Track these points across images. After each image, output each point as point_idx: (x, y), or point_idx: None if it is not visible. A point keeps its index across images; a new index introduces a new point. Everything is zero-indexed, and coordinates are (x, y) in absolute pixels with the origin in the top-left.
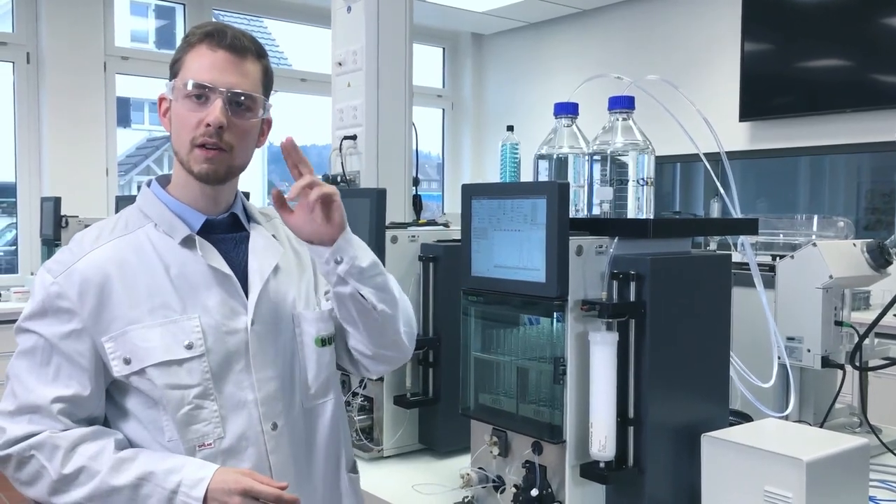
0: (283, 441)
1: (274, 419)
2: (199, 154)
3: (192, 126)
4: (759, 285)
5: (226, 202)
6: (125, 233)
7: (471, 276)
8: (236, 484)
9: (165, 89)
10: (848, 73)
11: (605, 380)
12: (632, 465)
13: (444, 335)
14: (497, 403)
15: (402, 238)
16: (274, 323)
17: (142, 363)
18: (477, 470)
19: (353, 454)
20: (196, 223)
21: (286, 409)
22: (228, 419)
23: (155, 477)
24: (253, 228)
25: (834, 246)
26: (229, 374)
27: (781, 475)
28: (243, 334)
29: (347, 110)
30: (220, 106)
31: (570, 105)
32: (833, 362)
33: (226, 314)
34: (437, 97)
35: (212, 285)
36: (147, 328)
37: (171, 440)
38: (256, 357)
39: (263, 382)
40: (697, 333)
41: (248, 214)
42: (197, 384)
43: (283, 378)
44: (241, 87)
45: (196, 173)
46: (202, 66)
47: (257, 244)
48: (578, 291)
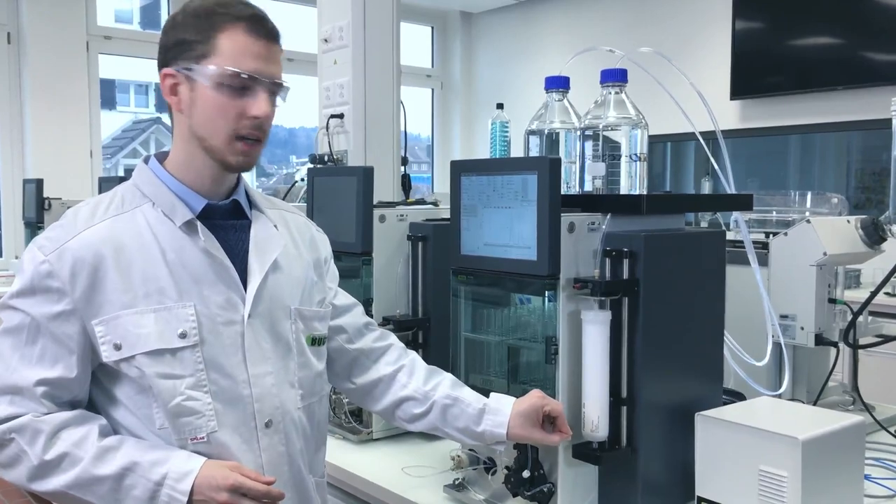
0: (275, 439)
1: (268, 416)
2: (241, 146)
3: (232, 116)
4: (754, 262)
5: (228, 187)
6: (121, 211)
7: (460, 254)
8: (224, 480)
9: (184, 69)
10: (838, 50)
11: (597, 359)
12: (625, 445)
13: (433, 316)
14: (488, 384)
15: (390, 217)
16: (271, 318)
17: (133, 350)
18: (467, 452)
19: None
20: (197, 207)
21: (280, 407)
22: (222, 413)
23: (139, 468)
24: (255, 217)
25: (828, 222)
26: (224, 366)
27: (776, 454)
28: (239, 327)
29: (334, 88)
30: (266, 98)
31: (562, 79)
32: (827, 340)
33: (222, 305)
34: (426, 77)
35: (209, 274)
36: (140, 314)
37: (163, 428)
38: (252, 351)
39: (259, 378)
40: (691, 311)
41: (250, 201)
42: (189, 375)
43: (279, 374)
44: (279, 76)
45: (233, 164)
46: (247, 55)
47: (259, 234)
48: (570, 269)
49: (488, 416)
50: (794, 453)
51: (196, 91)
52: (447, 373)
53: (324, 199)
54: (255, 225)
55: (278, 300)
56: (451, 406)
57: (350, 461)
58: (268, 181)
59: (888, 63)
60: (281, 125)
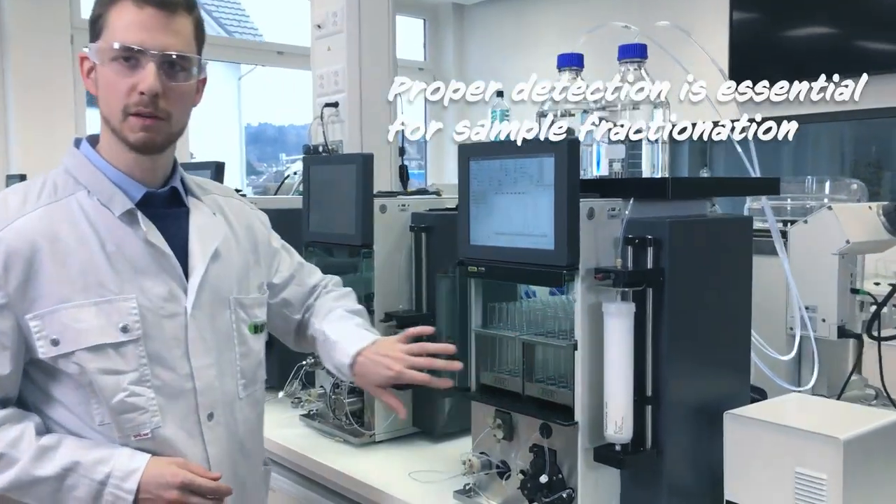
0: (219, 431)
1: (211, 409)
2: (135, 122)
3: (122, 93)
4: (781, 250)
5: (164, 173)
6: (54, 199)
7: (469, 244)
8: (173, 477)
9: (88, 49)
10: (836, 39)
11: (621, 355)
12: (650, 447)
13: (438, 311)
14: (500, 383)
15: (391, 207)
16: (213, 308)
17: (72, 345)
18: (479, 455)
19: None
20: (136, 195)
21: (222, 399)
22: (166, 408)
23: (81, 467)
24: (193, 204)
25: (849, 209)
26: (167, 360)
27: (815, 455)
28: (182, 319)
29: (328, 76)
30: (153, 71)
31: (575, 56)
32: (849, 332)
33: (164, 297)
34: (418, 70)
35: (150, 265)
36: (79, 308)
37: (103, 424)
38: (195, 343)
39: (202, 370)
40: (718, 302)
41: (186, 188)
42: (132, 370)
43: (220, 366)
44: (174, 47)
45: (132, 143)
46: (129, 26)
47: (199, 222)
48: (590, 259)
49: (337, 354)
50: (834, 454)
51: (98, 70)
52: (348, 307)
53: (321, 189)
54: (193, 213)
55: (219, 291)
56: (323, 342)
57: (352, 466)
58: (258, 179)
59: (884, 52)
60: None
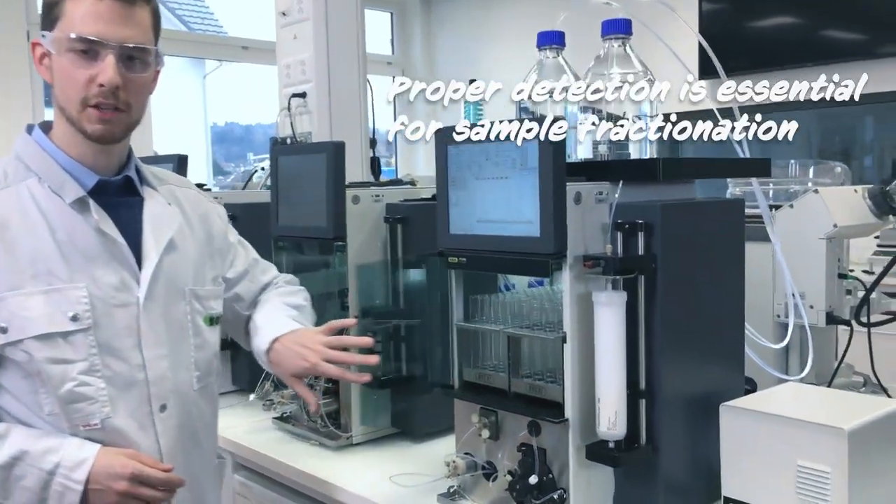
0: (172, 423)
1: (163, 400)
2: (94, 114)
3: (81, 84)
4: (773, 234)
5: (118, 161)
6: (4, 186)
7: (449, 234)
8: (123, 468)
9: (43, 37)
10: (805, 29)
11: (612, 346)
12: (644, 444)
13: (416, 305)
14: (485, 379)
15: (364, 198)
16: (167, 298)
17: (20, 333)
18: (464, 456)
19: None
20: (88, 183)
21: (176, 390)
22: (116, 398)
23: (29, 457)
24: (147, 193)
25: (836, 192)
26: (118, 350)
27: (818, 447)
28: (134, 309)
29: (294, 65)
30: (112, 64)
31: (556, 34)
32: (838, 318)
33: (116, 286)
34: (386, 65)
35: (102, 254)
36: (28, 295)
37: (52, 414)
38: (147, 334)
39: (154, 361)
40: (712, 290)
41: (141, 177)
42: (82, 359)
43: (173, 357)
44: (134, 39)
45: (89, 133)
46: (87, 17)
47: (153, 211)
48: (578, 246)
49: (257, 339)
50: (838, 445)
51: (53, 59)
52: (288, 300)
53: (290, 181)
54: (148, 202)
55: (173, 281)
56: (251, 329)
57: (328, 470)
58: (225, 179)
59: (852, 41)
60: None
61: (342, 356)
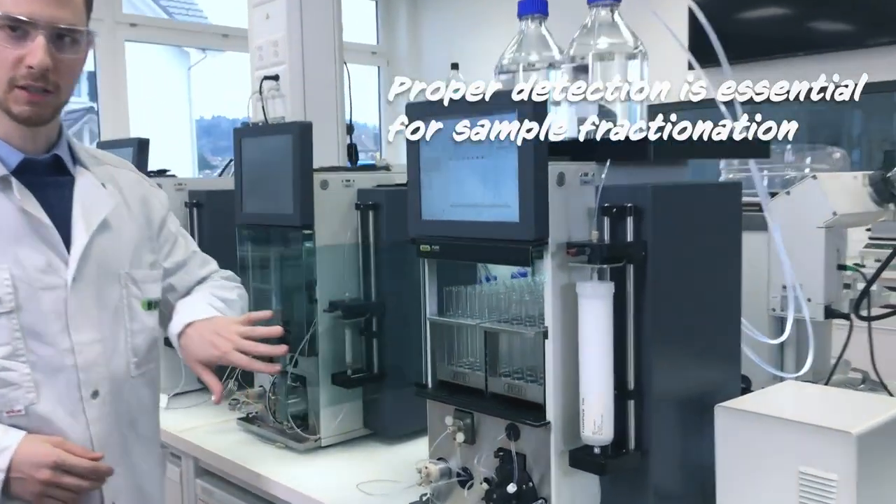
0: (105, 410)
1: (95, 386)
2: (21, 95)
3: (9, 63)
4: (771, 221)
5: (47, 140)
6: None
7: (422, 220)
8: (46, 456)
9: None
10: (797, 19)
11: (598, 343)
12: (633, 449)
13: (389, 298)
14: (460, 378)
15: (334, 183)
16: (98, 281)
17: None
18: (437, 462)
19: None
20: (11, 161)
21: (110, 377)
22: (42, 384)
23: None
24: (79, 173)
25: (835, 178)
26: (44, 334)
27: (822, 452)
28: (62, 291)
29: (267, 47)
30: (42, 45)
31: (537, 1)
32: (837, 312)
33: (41, 268)
34: (371, 54)
35: (27, 235)
36: None
37: None
38: (76, 317)
39: (84, 346)
40: (707, 280)
41: (74, 156)
42: (4, 343)
43: (107, 342)
44: (66, 20)
45: (16, 115)
46: None
47: (84, 191)
48: (561, 233)
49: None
50: (846, 451)
51: None
52: (216, 292)
53: (254, 165)
54: (79, 182)
55: (107, 264)
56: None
57: (293, 475)
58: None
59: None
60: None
61: (250, 345)
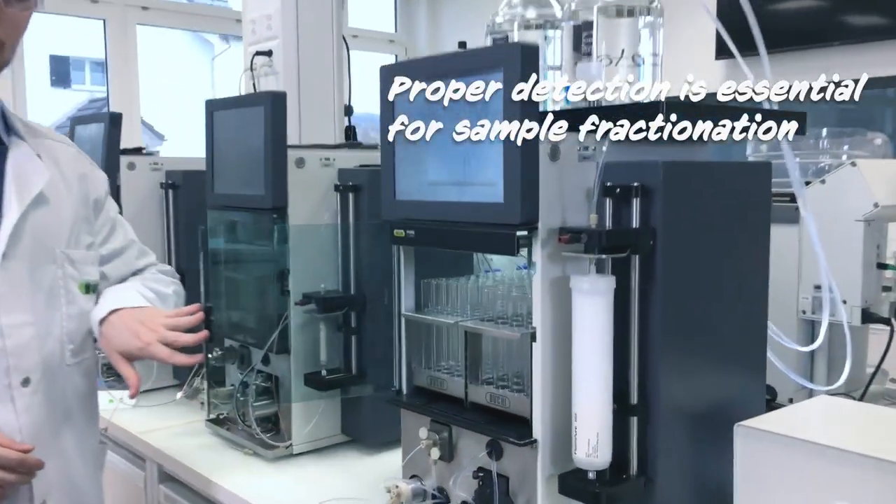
0: (37, 399)
1: (27, 373)
2: None
3: None
4: (804, 209)
5: None
6: None
7: (395, 200)
8: None
9: None
10: (827, 10)
11: (596, 347)
12: (635, 475)
13: (370, 292)
14: (438, 384)
15: (310, 162)
16: (32, 260)
17: None
18: (410, 480)
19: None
20: None
21: (43, 363)
22: None
23: None
24: (13, 143)
25: (877, 166)
26: None
27: (865, 486)
28: None
29: (260, 20)
30: None
31: None
32: (875, 316)
33: None
34: (388, 43)
35: None
36: None
37: None
38: (6, 298)
39: (14, 329)
40: (727, 276)
41: (7, 125)
42: None
43: (40, 325)
44: None
45: None
46: None
47: (18, 163)
48: (553, 216)
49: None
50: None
51: None
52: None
53: (225, 141)
54: (13, 152)
55: (42, 241)
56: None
57: (260, 486)
58: None
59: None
60: None
61: (173, 335)
